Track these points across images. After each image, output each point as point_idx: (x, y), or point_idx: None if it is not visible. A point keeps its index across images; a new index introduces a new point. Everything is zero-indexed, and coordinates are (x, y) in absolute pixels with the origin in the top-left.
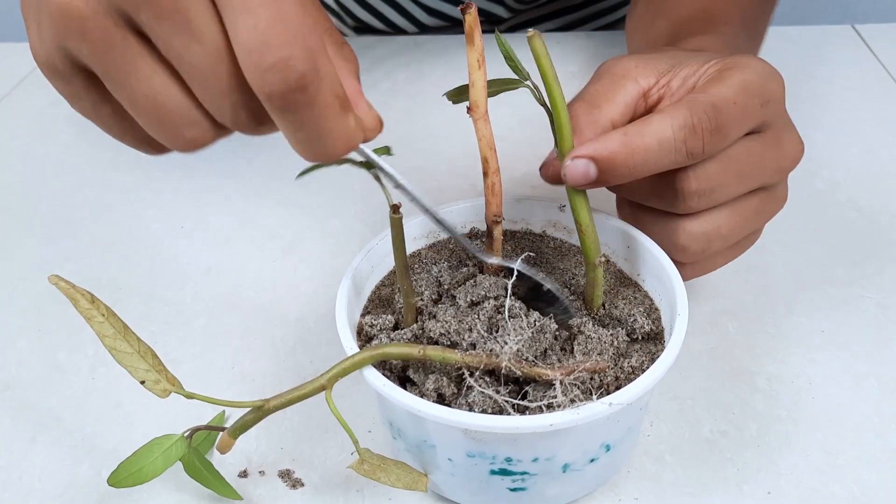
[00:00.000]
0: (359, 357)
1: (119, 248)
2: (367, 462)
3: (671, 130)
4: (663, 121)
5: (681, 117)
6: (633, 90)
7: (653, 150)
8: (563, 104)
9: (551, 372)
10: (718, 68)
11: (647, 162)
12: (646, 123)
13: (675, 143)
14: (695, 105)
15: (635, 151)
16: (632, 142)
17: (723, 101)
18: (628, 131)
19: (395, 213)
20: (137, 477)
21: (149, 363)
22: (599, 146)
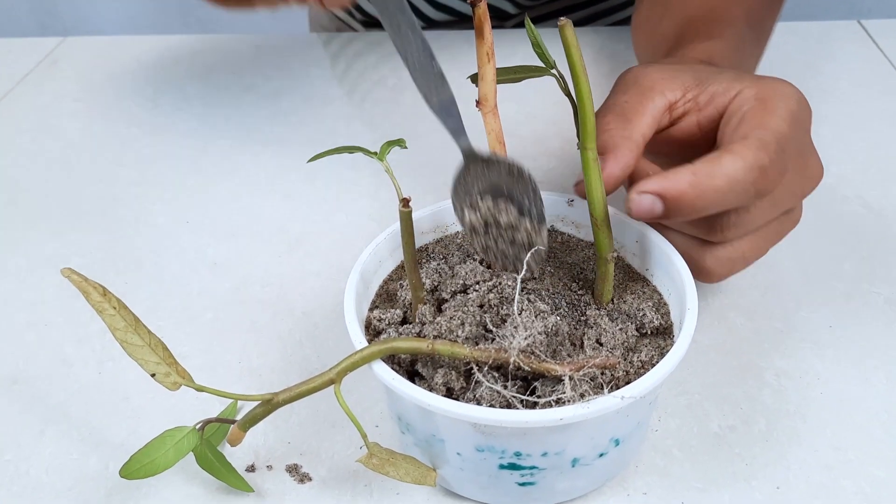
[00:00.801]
0: (367, 351)
1: (126, 242)
2: (376, 456)
3: (742, 173)
4: (735, 162)
5: (752, 158)
6: (660, 103)
7: (722, 191)
8: (590, 97)
9: (560, 367)
10: (755, 93)
11: (714, 203)
12: (716, 164)
13: (745, 185)
14: (766, 147)
15: (705, 193)
16: (702, 183)
17: (785, 139)
18: (698, 171)
19: (405, 207)
20: (149, 468)
21: (159, 356)
22: (668, 185)
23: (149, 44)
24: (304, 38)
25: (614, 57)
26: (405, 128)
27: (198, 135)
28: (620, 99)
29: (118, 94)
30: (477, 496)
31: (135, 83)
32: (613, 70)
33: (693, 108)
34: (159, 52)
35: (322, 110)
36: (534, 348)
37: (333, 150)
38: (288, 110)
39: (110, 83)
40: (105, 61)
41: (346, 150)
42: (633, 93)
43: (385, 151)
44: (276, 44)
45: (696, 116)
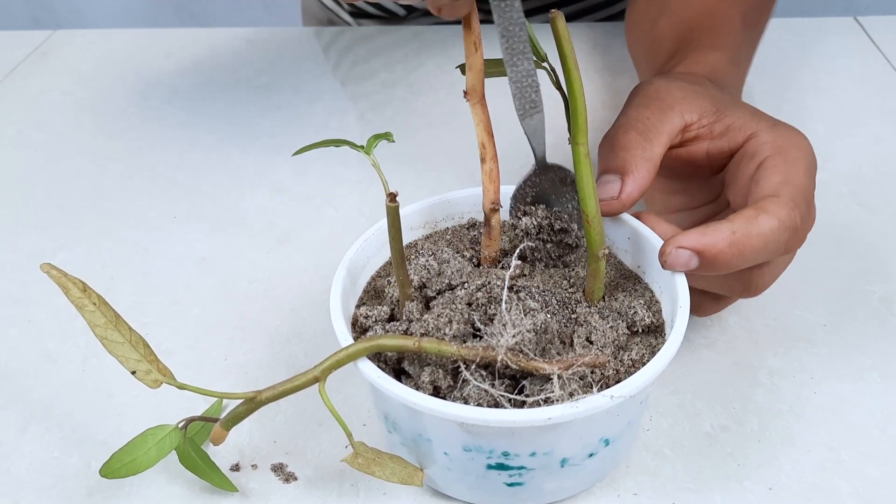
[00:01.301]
0: (353, 349)
1: (112, 237)
2: (362, 456)
3: (778, 233)
4: (771, 222)
5: (787, 219)
6: (678, 124)
7: (758, 250)
8: (581, 91)
9: (549, 366)
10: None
11: (748, 261)
12: (754, 224)
13: (779, 244)
14: (798, 206)
15: (742, 252)
16: (740, 242)
17: (810, 194)
18: (736, 231)
19: (392, 202)
20: (131, 467)
21: (140, 353)
22: (707, 242)
23: (139, 37)
24: (297, 33)
25: (608, 52)
26: (396, 123)
27: (186, 128)
28: (643, 114)
29: (107, 87)
30: (465, 496)
31: (124, 76)
32: (606, 66)
33: (706, 135)
34: (150, 46)
35: (313, 105)
36: (522, 346)
37: (320, 144)
38: (278, 104)
39: (99, 76)
40: (95, 54)
41: (332, 143)
42: (654, 109)
43: (372, 145)
44: (268, 38)
45: (707, 144)
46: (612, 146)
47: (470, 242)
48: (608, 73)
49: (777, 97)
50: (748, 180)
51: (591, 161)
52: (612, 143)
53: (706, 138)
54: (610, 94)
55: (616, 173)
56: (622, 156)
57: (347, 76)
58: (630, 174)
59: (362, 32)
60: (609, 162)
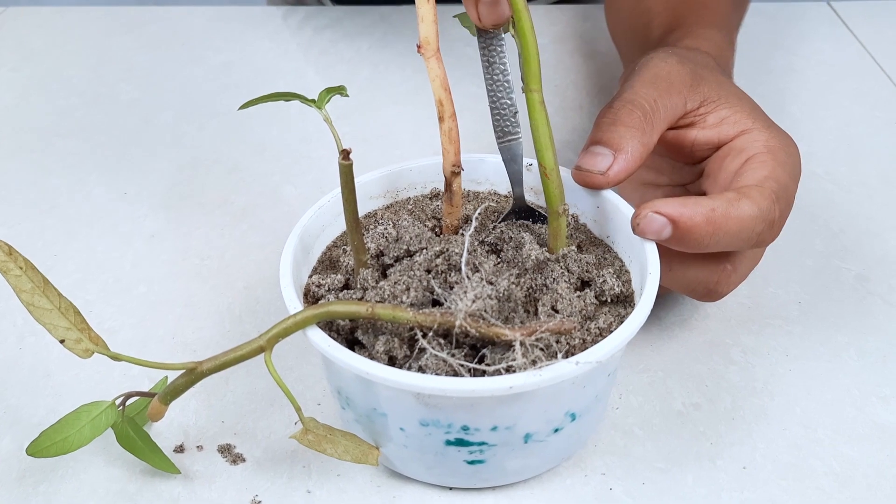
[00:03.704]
0: (301, 316)
1: (56, 213)
2: (312, 432)
3: (755, 221)
4: (751, 209)
5: (767, 211)
6: (680, 110)
7: (732, 234)
8: (532, 34)
9: (510, 332)
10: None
11: (719, 243)
12: (734, 206)
13: (752, 234)
14: (780, 201)
15: (716, 231)
16: (717, 221)
17: (791, 196)
18: (716, 209)
19: (345, 160)
20: (61, 446)
21: (70, 321)
22: (686, 212)
23: (95, 14)
24: (258, 12)
25: (581, 35)
26: (360, 100)
27: (140, 106)
28: (651, 95)
29: (58, 64)
30: (422, 476)
31: (77, 53)
32: (578, 48)
33: (698, 123)
34: (105, 24)
35: (273, 83)
36: (483, 314)
37: (268, 97)
38: (237, 83)
39: (51, 53)
40: (47, 31)
41: (281, 96)
42: (662, 91)
43: (324, 99)
44: (229, 16)
45: (697, 132)
46: (613, 120)
47: (432, 212)
48: (580, 56)
49: (752, 80)
50: (731, 175)
51: (546, 108)
52: (614, 117)
53: (698, 126)
54: (582, 76)
55: (609, 147)
56: (622, 132)
57: (310, 55)
58: (623, 153)
59: (327, 13)
60: (605, 133)
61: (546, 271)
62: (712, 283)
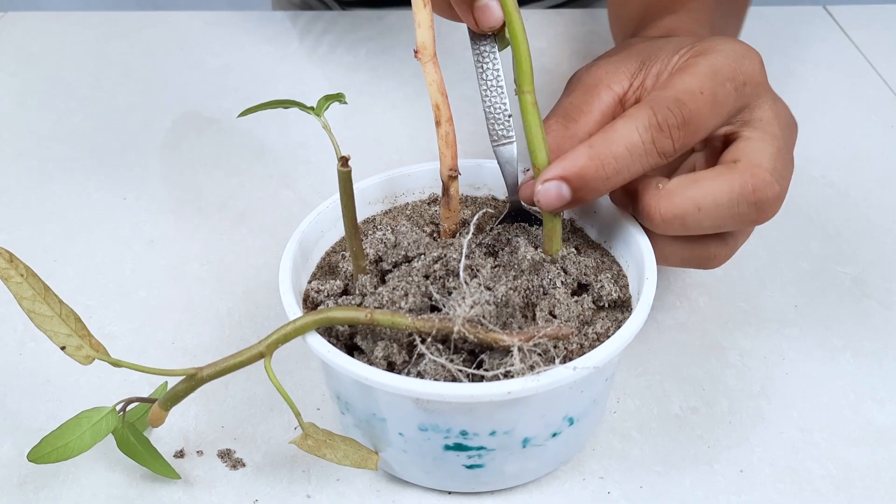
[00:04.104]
0: (301, 322)
1: (56, 218)
2: (312, 437)
3: (637, 134)
4: (627, 125)
5: (644, 118)
6: (607, 98)
7: (623, 157)
8: (524, 35)
9: (508, 337)
10: (687, 57)
11: (619, 171)
12: (610, 131)
13: (645, 146)
14: (657, 103)
15: (605, 162)
16: (600, 153)
17: (687, 93)
18: (594, 143)
19: (344, 167)
20: (62, 452)
21: (71, 328)
22: (567, 164)
23: (93, 20)
24: (255, 17)
25: (577, 39)
26: (357, 105)
27: (139, 110)
28: (565, 101)
29: (57, 69)
30: (421, 481)
31: (76, 58)
32: (576, 52)
33: (643, 94)
34: (103, 28)
35: (272, 88)
36: (481, 319)
37: (268, 104)
38: (235, 87)
39: (49, 58)
40: (46, 36)
41: (280, 104)
42: (577, 93)
43: (323, 106)
44: (227, 21)
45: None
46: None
47: (431, 218)
48: (576, 59)
49: None
50: None
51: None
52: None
53: (644, 96)
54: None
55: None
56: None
57: (308, 60)
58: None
59: (325, 17)
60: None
61: (542, 273)
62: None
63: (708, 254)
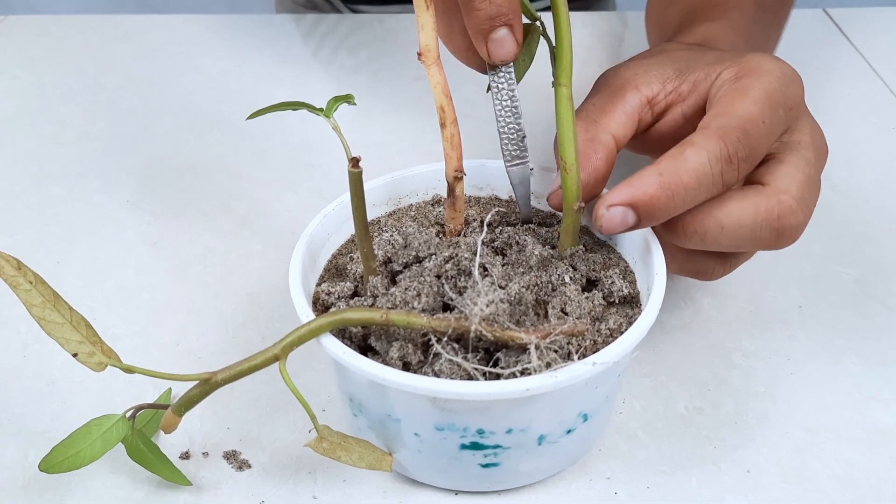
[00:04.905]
0: (315, 324)
1: (59, 221)
2: (327, 440)
3: (708, 165)
4: (699, 155)
5: (716, 149)
6: (633, 99)
7: (692, 187)
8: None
9: (526, 335)
10: (734, 74)
11: (686, 201)
12: (680, 160)
13: (713, 178)
14: (728, 134)
15: (675, 193)
16: (670, 183)
17: (751, 123)
18: (664, 171)
19: (355, 168)
20: (73, 461)
21: (82, 334)
22: (637, 192)
23: (94, 23)
24: (258, 20)
25: (580, 42)
26: (360, 108)
27: (140, 113)
28: (588, 102)
29: (58, 72)
30: (435, 481)
31: (76, 61)
32: (576, 55)
33: (677, 100)
34: (104, 32)
35: (273, 91)
36: (496, 317)
37: (276, 107)
38: (237, 90)
39: (50, 61)
40: (47, 39)
41: (289, 106)
42: (602, 94)
43: (332, 108)
44: (228, 25)
45: (681, 107)
46: None
47: (435, 218)
48: (578, 63)
49: None
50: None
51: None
52: None
53: (678, 103)
54: (581, 83)
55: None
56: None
57: (310, 63)
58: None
59: (327, 20)
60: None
61: (550, 269)
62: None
63: (707, 268)
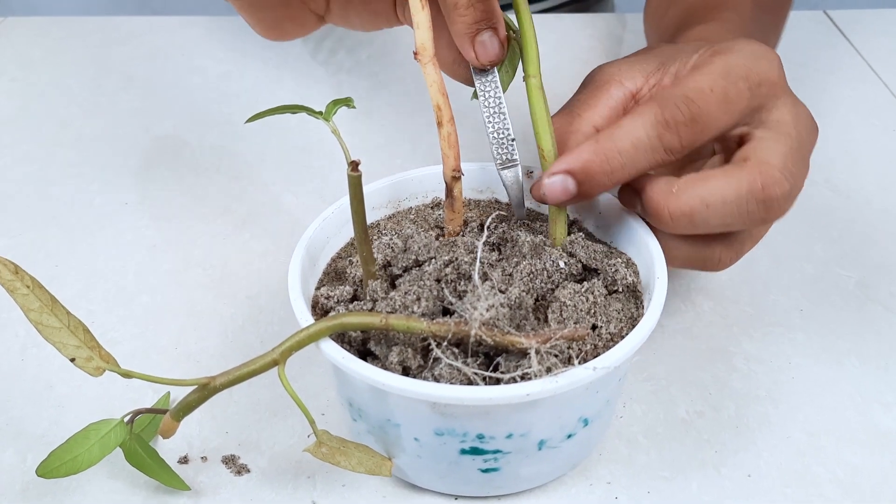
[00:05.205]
0: (315, 328)
1: (58, 223)
2: (326, 445)
3: (643, 129)
4: (634, 121)
5: (650, 114)
6: (617, 94)
7: (628, 152)
8: (530, 22)
9: (526, 340)
10: (704, 57)
11: (624, 166)
12: (616, 127)
13: (651, 142)
14: (665, 100)
15: (610, 157)
16: (604, 148)
17: (696, 91)
18: (599, 139)
19: (354, 171)
20: (71, 466)
21: (80, 339)
22: (572, 158)
23: (93, 24)
24: None
25: (579, 44)
26: (360, 109)
27: (140, 115)
28: (574, 98)
29: (58, 74)
30: (435, 486)
31: (76, 63)
32: (577, 56)
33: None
34: (104, 33)
35: (273, 93)
36: (496, 322)
37: (276, 110)
38: (237, 92)
39: (50, 63)
40: (46, 41)
41: (288, 109)
42: (587, 90)
43: (331, 111)
44: (228, 26)
45: None
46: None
47: (434, 221)
48: (578, 63)
49: None
50: None
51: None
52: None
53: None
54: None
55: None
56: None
57: (309, 65)
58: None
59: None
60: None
61: (544, 256)
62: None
63: (713, 256)
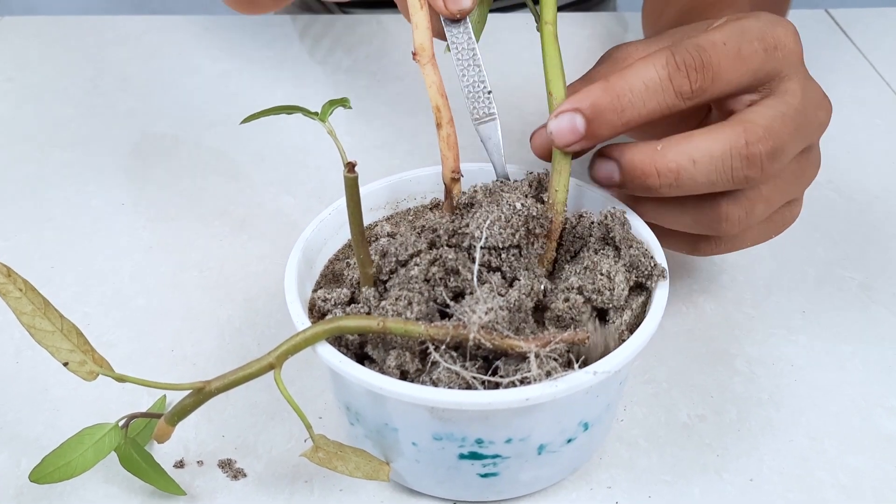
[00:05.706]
0: (311, 332)
1: (53, 225)
2: (323, 450)
3: (654, 70)
4: (646, 62)
5: (662, 57)
6: None
7: (639, 90)
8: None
9: (525, 343)
10: (720, 23)
11: (634, 104)
12: (627, 68)
13: (662, 83)
14: (677, 47)
15: (620, 94)
16: (614, 86)
17: (708, 42)
18: (610, 77)
19: (350, 172)
20: (64, 471)
21: (73, 343)
22: (581, 96)
23: (90, 24)
24: (256, 21)
25: (578, 44)
26: (358, 108)
27: (138, 115)
28: (592, 71)
29: (54, 74)
30: (433, 491)
31: (73, 63)
32: (576, 56)
33: None
34: (101, 33)
35: (271, 93)
36: (495, 325)
37: (271, 111)
38: (235, 92)
39: (47, 63)
40: (43, 41)
41: (284, 109)
42: (605, 64)
43: (327, 112)
44: (226, 26)
45: None
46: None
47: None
48: (578, 63)
49: None
50: None
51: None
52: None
53: None
54: None
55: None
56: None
57: (307, 65)
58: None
59: (323, 20)
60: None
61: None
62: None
63: (719, 213)
